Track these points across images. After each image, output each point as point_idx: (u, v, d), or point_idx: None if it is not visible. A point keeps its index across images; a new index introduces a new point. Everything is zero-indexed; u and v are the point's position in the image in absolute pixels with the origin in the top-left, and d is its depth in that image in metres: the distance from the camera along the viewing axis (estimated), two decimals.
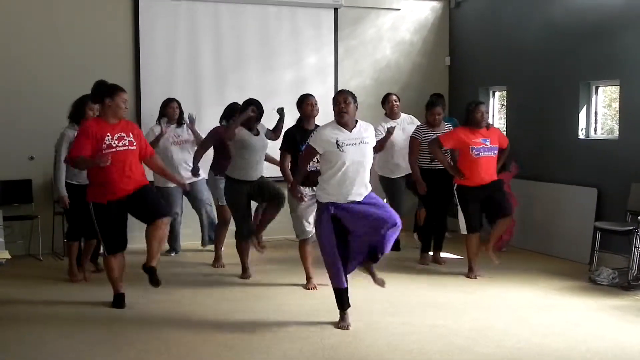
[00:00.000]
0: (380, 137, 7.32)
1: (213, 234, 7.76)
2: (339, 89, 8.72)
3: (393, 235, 5.07)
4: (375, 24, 9.36)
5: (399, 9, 9.41)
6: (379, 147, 6.92)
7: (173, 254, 7.80)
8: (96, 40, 8.03)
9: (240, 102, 6.84)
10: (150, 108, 7.94)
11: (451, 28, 9.65)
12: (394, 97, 7.92)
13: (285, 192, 6.43)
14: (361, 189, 5.09)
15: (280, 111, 6.86)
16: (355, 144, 5.05)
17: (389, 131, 7.47)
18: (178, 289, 6.34)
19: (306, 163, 5.38)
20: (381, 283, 5.28)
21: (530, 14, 8.32)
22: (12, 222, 7.42)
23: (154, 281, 5.60)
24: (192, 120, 7.62)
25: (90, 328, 5.22)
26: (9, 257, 4.76)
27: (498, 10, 8.88)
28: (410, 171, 7.45)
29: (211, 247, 7.67)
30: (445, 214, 7.39)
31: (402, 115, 7.94)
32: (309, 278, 6.35)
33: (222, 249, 7.40)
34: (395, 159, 7.71)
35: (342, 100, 5.08)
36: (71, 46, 7.93)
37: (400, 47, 9.47)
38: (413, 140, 7.26)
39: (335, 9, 9.01)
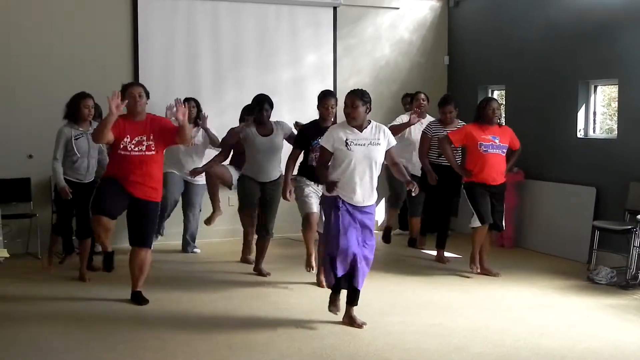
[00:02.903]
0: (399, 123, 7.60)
1: (193, 242, 7.81)
2: (337, 87, 8.75)
3: (364, 270, 5.11)
4: (374, 23, 9.35)
5: (397, 8, 9.40)
6: (396, 131, 6.92)
7: (159, 238, 7.63)
8: (95, 39, 8.02)
9: (240, 101, 6.83)
10: (148, 106, 7.90)
11: (450, 27, 9.64)
12: (422, 96, 7.92)
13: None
14: (368, 193, 5.07)
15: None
16: (364, 145, 5.03)
17: (411, 121, 7.52)
18: (175, 287, 6.33)
19: (323, 166, 5.21)
20: (360, 325, 5.17)
21: (529, 13, 8.32)
22: (11, 221, 7.42)
23: (140, 302, 5.73)
24: (203, 119, 7.43)
25: (87, 326, 5.22)
26: (8, 255, 4.80)
27: (497, 9, 8.88)
28: (421, 173, 7.61)
29: (205, 239, 7.68)
30: (449, 212, 7.38)
31: (428, 116, 7.93)
32: (309, 255, 6.31)
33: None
34: (409, 155, 7.70)
35: (350, 104, 5.05)
36: (70, 45, 7.93)
37: (399, 46, 9.47)
38: (423, 135, 7.36)
39: (334, 8, 9.01)
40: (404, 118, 7.82)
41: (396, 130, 7.12)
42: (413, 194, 5.27)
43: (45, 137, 6.77)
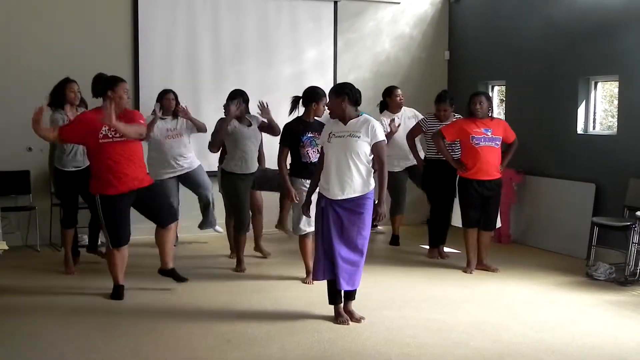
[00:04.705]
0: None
1: (214, 219, 7.57)
2: (338, 82, 8.71)
3: (355, 273, 5.08)
4: (375, 18, 9.34)
5: (398, 3, 9.39)
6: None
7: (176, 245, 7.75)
8: (95, 32, 8.01)
9: None
10: (149, 101, 7.91)
11: (451, 22, 9.63)
12: (399, 91, 7.93)
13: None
14: (347, 185, 5.00)
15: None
16: (342, 137, 5.04)
17: (392, 129, 7.52)
18: (175, 281, 6.32)
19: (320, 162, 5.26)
20: (359, 319, 5.19)
21: (529, 8, 8.31)
22: (10, 213, 7.45)
23: (179, 279, 5.87)
24: (182, 111, 7.25)
25: (87, 319, 5.23)
26: (7, 248, 4.80)
27: (498, 5, 8.87)
28: (410, 164, 7.73)
29: (208, 232, 7.64)
30: (449, 207, 7.38)
31: (404, 108, 7.95)
32: (308, 272, 6.30)
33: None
34: (396, 152, 7.70)
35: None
36: (70, 38, 7.91)
37: (400, 41, 9.46)
38: (416, 125, 7.39)
39: (335, 2, 9.00)
40: (384, 122, 7.71)
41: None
42: (375, 224, 5.31)
43: None
